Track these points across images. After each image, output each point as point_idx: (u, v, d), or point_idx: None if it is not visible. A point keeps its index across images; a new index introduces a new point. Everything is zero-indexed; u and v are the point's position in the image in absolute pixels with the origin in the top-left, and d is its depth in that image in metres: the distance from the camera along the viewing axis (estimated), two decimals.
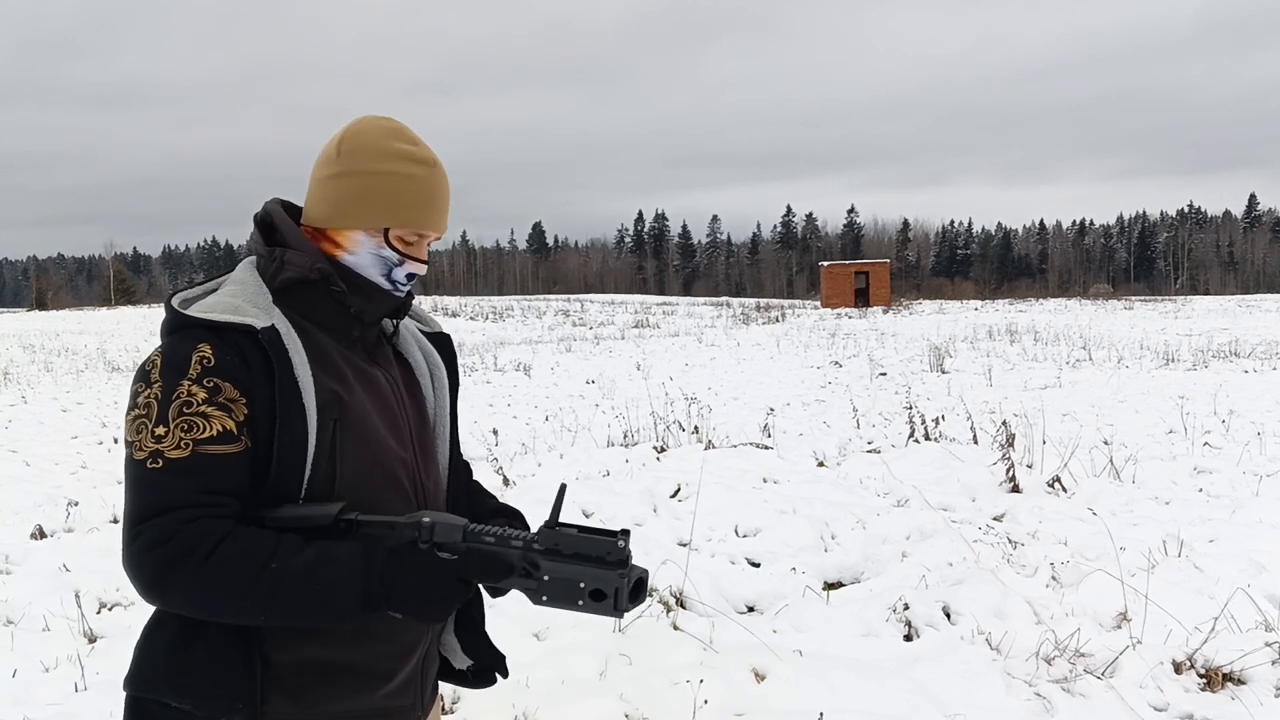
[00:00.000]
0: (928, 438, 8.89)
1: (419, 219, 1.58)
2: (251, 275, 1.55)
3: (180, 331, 1.47)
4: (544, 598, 1.38)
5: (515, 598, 1.53)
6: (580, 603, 1.36)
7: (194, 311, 1.47)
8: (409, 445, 1.61)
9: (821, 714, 3.33)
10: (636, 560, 1.41)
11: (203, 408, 1.41)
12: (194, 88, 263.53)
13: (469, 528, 1.43)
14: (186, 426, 1.40)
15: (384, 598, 1.38)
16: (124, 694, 1.52)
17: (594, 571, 1.36)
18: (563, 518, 1.44)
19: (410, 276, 1.60)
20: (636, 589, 1.38)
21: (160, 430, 1.40)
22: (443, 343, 1.79)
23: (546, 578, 1.38)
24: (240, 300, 1.49)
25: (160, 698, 1.46)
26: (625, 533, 1.38)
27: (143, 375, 1.44)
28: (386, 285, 1.59)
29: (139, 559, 1.37)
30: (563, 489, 1.46)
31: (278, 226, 1.59)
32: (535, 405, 14.07)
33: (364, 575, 1.38)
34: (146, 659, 1.49)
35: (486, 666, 1.76)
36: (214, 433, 1.40)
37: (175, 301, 1.52)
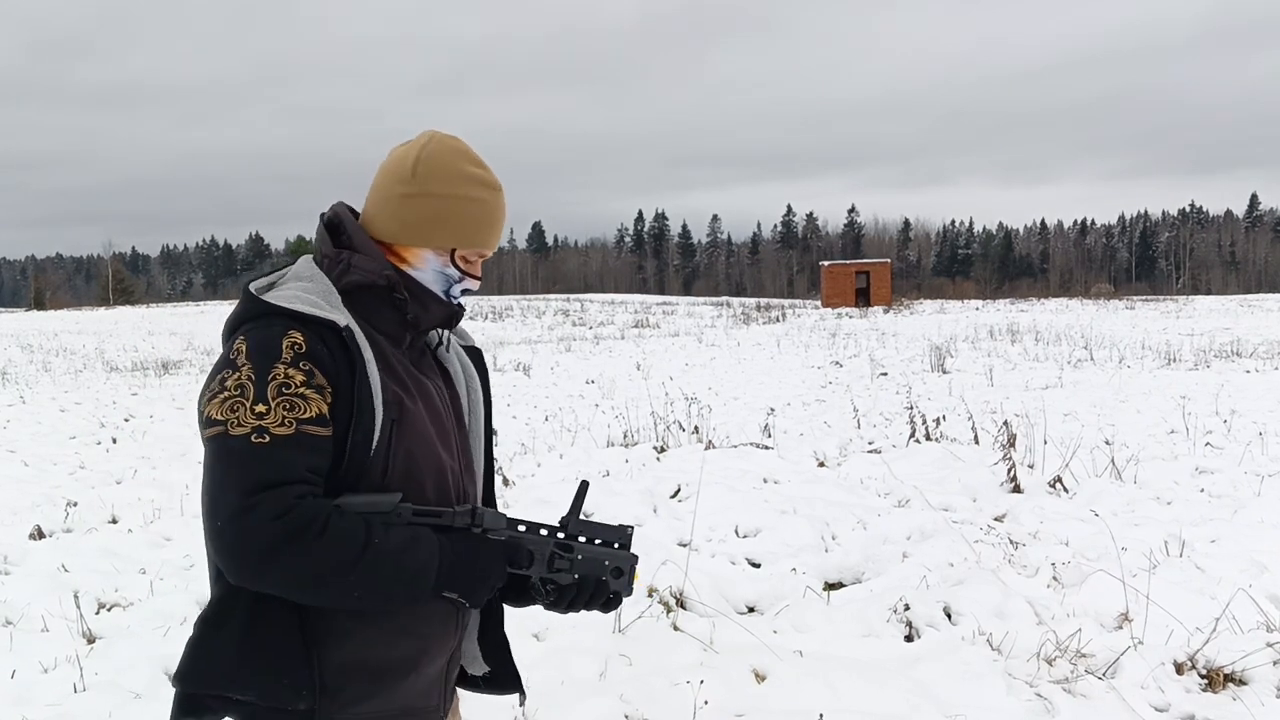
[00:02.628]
0: (929, 438, 8.88)
1: (485, 241, 1.66)
2: (319, 274, 1.59)
3: (265, 318, 1.50)
4: (575, 576, 1.59)
5: (513, 610, 1.62)
6: (604, 578, 1.62)
7: (278, 300, 1.51)
8: (454, 451, 1.68)
9: (822, 715, 3.32)
10: (640, 562, 1.66)
11: (301, 389, 1.44)
12: (199, 88, 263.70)
13: (509, 517, 1.58)
14: (289, 405, 1.43)
15: (450, 577, 1.49)
16: (174, 690, 1.53)
17: (614, 553, 1.64)
18: (560, 514, 1.61)
19: (465, 291, 1.68)
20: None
21: (261, 408, 1.41)
22: (476, 357, 1.86)
23: (580, 557, 1.59)
24: (316, 296, 1.53)
25: (221, 691, 1.48)
26: (629, 527, 1.69)
27: (226, 363, 1.46)
28: (444, 298, 1.66)
29: (254, 531, 1.36)
30: (584, 486, 1.65)
31: (347, 230, 1.62)
32: (535, 405, 14.05)
33: (440, 555, 1.47)
34: (204, 656, 1.48)
35: (502, 673, 1.80)
36: (313, 414, 1.44)
37: (254, 288, 1.56)
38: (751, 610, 4.65)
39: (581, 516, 1.65)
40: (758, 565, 5.31)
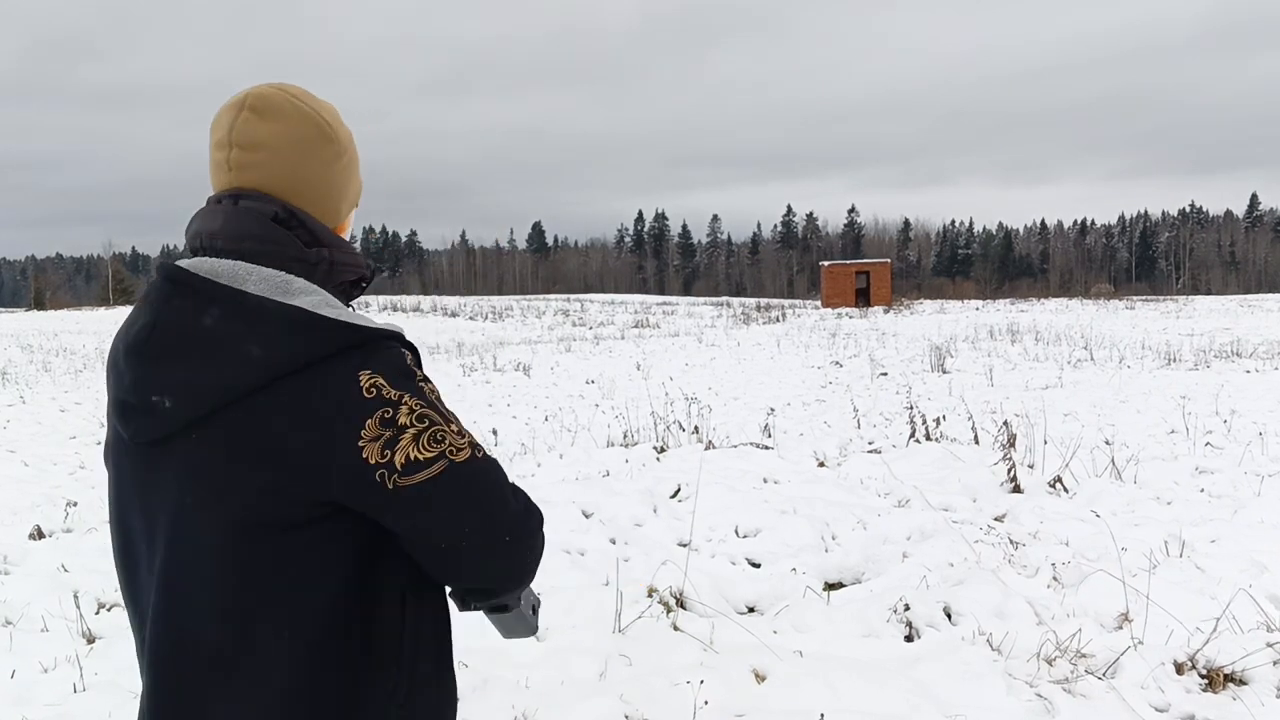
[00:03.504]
0: (929, 438, 8.87)
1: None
2: (310, 284, 1.37)
3: (374, 343, 1.33)
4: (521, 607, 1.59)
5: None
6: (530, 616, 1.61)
7: (359, 322, 1.35)
8: None
9: (822, 715, 3.32)
10: (639, 558, 1.67)
11: (442, 399, 1.40)
12: (201, 88, 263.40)
13: None
14: (456, 418, 1.39)
15: None
16: None
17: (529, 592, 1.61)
18: (563, 517, 1.58)
19: None
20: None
21: (454, 428, 1.35)
22: None
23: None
24: (351, 309, 1.40)
25: None
26: None
27: (377, 401, 1.28)
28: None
29: (536, 535, 1.42)
30: None
31: (309, 226, 1.42)
32: (535, 405, 14.06)
33: None
34: None
35: None
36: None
37: (331, 315, 1.32)
38: (751, 610, 4.64)
39: (583, 519, 1.66)
40: (758, 565, 5.31)
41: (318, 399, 1.27)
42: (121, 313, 47.63)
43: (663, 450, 8.74)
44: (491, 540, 1.35)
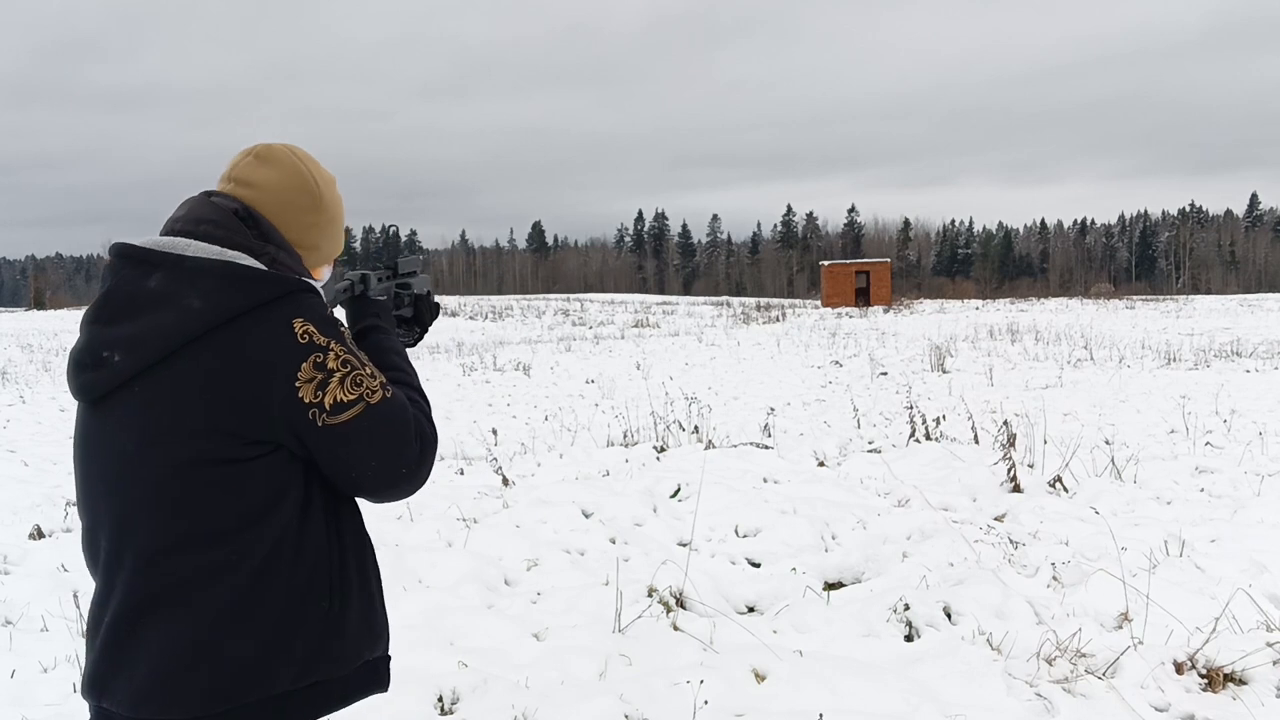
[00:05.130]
0: (929, 437, 8.87)
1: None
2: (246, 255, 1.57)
3: (303, 293, 1.53)
4: (411, 309, 2.02)
5: (513, 611, 1.58)
6: (427, 291, 2.06)
7: (288, 274, 1.57)
8: None
9: (822, 715, 3.32)
10: (639, 558, 1.83)
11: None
12: (208, 90, 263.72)
13: (359, 275, 1.94)
14: (368, 360, 1.60)
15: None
16: None
17: (425, 277, 2.06)
18: (563, 517, 1.70)
19: None
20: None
21: (368, 370, 1.55)
22: None
23: (411, 290, 2.02)
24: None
25: (274, 690, 1.52)
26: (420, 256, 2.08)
27: (310, 346, 1.48)
28: None
29: (427, 464, 1.61)
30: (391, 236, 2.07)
31: (264, 228, 1.62)
32: (535, 405, 14.06)
33: (398, 337, 1.87)
34: (234, 656, 1.50)
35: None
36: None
37: (263, 268, 1.54)
38: (751, 610, 4.64)
39: (583, 519, 1.75)
40: (758, 565, 5.31)
41: (256, 344, 1.45)
42: None
43: (663, 450, 8.74)
44: (392, 473, 1.56)
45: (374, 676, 1.67)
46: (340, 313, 1.81)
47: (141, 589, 1.48)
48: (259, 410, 1.44)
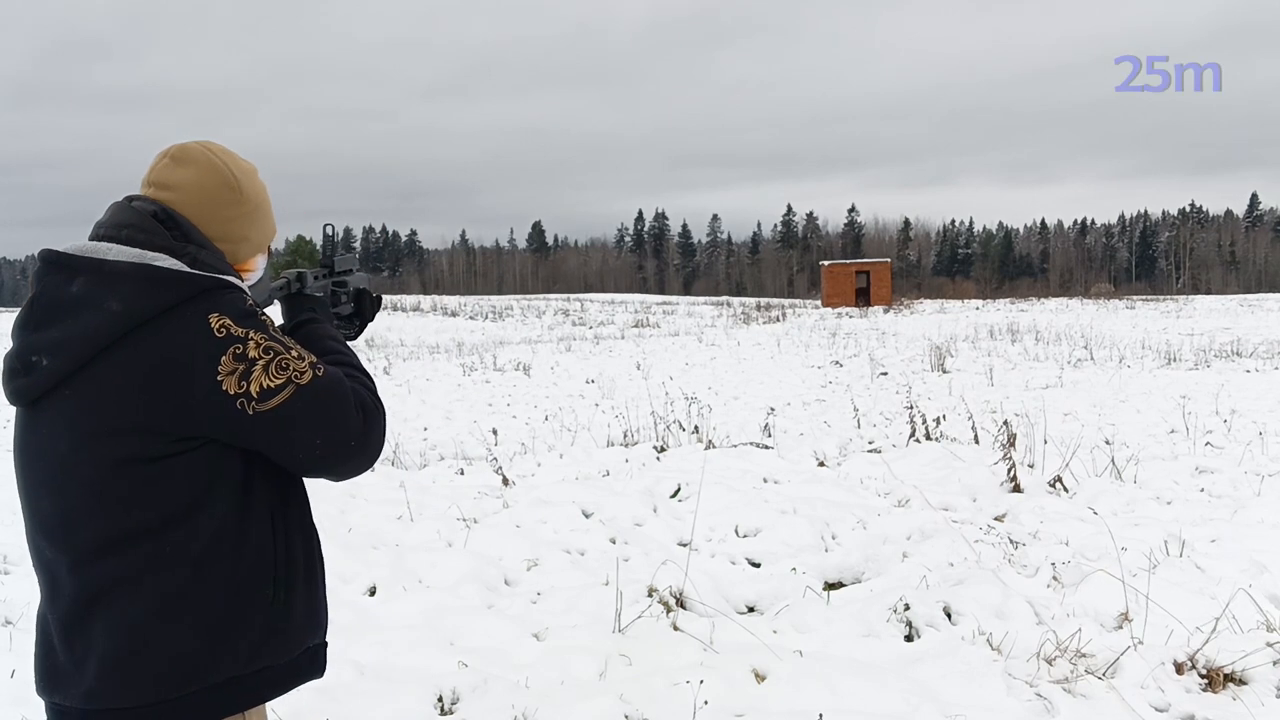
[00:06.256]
0: (929, 437, 8.88)
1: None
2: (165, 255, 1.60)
3: (219, 290, 1.56)
4: (353, 303, 2.09)
5: (513, 611, 1.57)
6: (364, 288, 2.13)
7: (204, 273, 1.59)
8: None
9: (821, 715, 3.33)
10: (639, 558, 1.83)
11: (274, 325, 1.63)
12: (213, 91, 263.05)
13: (295, 273, 1.99)
14: (296, 344, 1.62)
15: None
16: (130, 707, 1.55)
17: (364, 274, 2.14)
18: (563, 517, 1.67)
19: None
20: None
21: (295, 353, 1.57)
22: None
23: (349, 287, 2.09)
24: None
25: (223, 675, 1.57)
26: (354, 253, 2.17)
27: (228, 339, 1.51)
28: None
29: (377, 435, 1.64)
30: (327, 228, 2.09)
31: (184, 228, 1.65)
32: (535, 405, 14.06)
33: (334, 328, 1.90)
34: (180, 644, 1.55)
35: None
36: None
37: (177, 269, 1.56)
38: (751, 610, 4.65)
39: (583, 519, 1.74)
40: (758, 565, 5.31)
41: (174, 343, 1.49)
42: None
43: (663, 450, 8.74)
44: (339, 448, 1.59)
45: (314, 662, 1.74)
46: (277, 310, 1.86)
47: (85, 586, 1.54)
48: (183, 407, 1.49)
